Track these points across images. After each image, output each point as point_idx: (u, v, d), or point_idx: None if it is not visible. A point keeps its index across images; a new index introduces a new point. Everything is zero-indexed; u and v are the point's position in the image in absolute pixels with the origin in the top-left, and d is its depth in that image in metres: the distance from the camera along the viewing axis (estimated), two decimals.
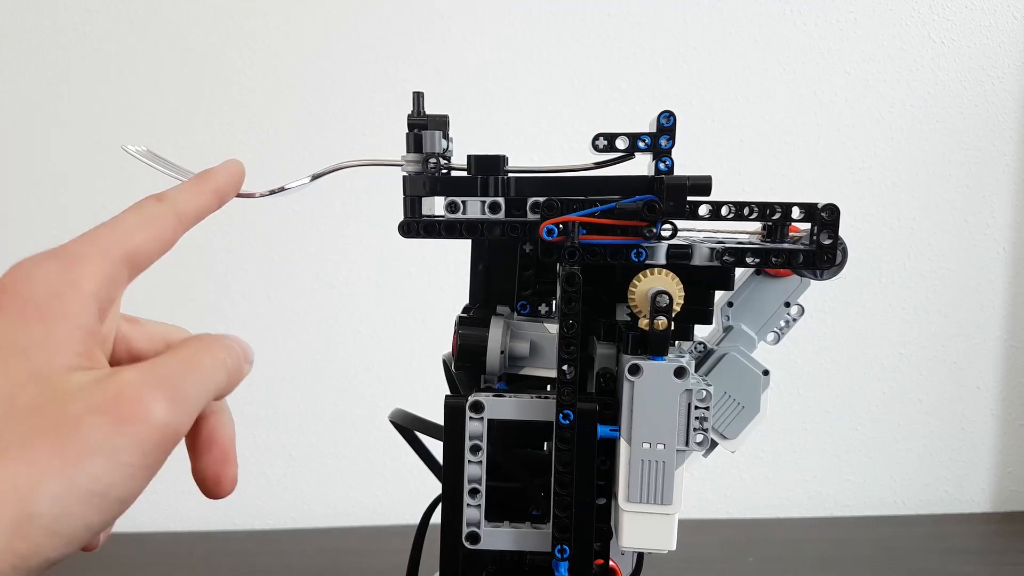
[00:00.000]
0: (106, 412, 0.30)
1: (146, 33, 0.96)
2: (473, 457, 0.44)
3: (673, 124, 0.42)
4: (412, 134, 0.42)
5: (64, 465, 0.29)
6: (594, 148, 0.42)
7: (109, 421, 0.30)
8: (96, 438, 0.29)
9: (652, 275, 0.41)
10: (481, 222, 0.43)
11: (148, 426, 0.30)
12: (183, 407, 0.32)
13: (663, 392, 0.41)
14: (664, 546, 0.43)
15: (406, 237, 0.43)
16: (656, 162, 0.42)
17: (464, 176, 0.43)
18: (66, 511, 0.29)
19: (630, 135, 0.42)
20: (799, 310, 0.49)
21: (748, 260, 0.42)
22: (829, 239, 0.41)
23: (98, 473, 0.29)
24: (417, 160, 0.43)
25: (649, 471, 0.42)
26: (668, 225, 0.41)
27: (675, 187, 0.41)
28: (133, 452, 0.30)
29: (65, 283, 0.32)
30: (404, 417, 0.52)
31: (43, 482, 0.28)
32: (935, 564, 0.91)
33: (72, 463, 0.29)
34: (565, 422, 0.42)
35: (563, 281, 0.40)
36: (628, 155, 0.43)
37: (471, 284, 0.50)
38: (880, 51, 1.00)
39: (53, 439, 0.29)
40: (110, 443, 0.29)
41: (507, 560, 0.49)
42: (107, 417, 0.30)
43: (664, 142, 0.42)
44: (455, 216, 0.43)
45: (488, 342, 0.45)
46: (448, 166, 0.44)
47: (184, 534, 1.00)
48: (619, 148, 0.42)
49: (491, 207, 0.43)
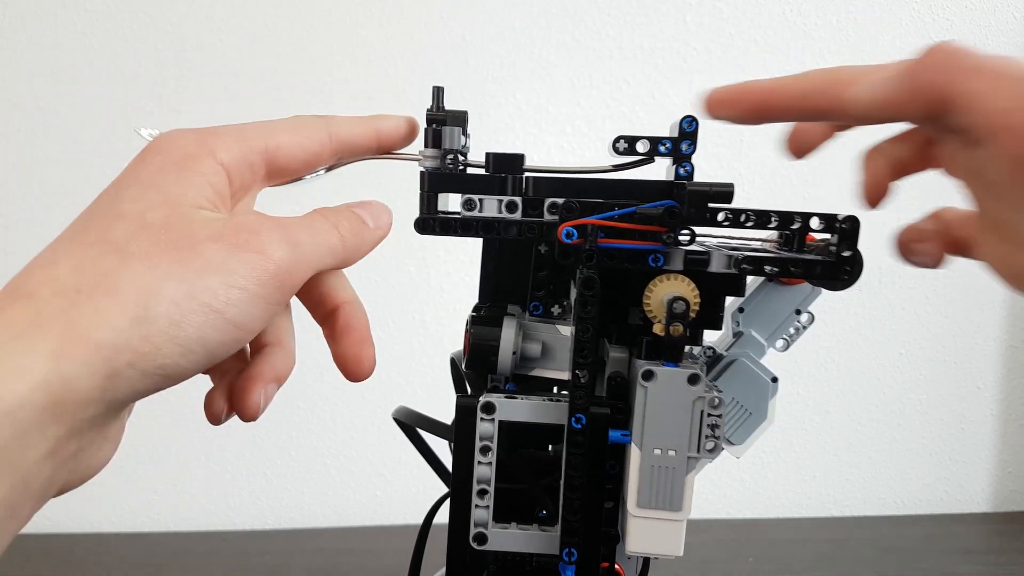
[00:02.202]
0: (225, 239, 0.32)
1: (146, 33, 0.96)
2: (483, 458, 0.44)
3: (695, 129, 0.42)
4: (431, 129, 0.42)
5: (184, 275, 0.31)
6: (614, 150, 0.42)
7: (227, 246, 0.32)
8: (215, 258, 0.31)
9: (668, 280, 0.40)
10: (498, 221, 0.42)
11: (263, 256, 0.33)
12: (296, 251, 0.34)
13: (676, 398, 0.41)
14: (672, 552, 0.43)
15: (422, 233, 0.43)
16: (676, 167, 0.42)
17: (482, 174, 0.43)
18: (184, 318, 0.30)
19: (651, 138, 0.42)
20: (809, 318, 0.49)
21: (767, 269, 0.41)
22: (849, 251, 0.41)
23: (215, 288, 0.31)
24: (436, 155, 0.42)
25: (659, 477, 0.42)
26: (686, 232, 0.41)
27: (698, 194, 0.40)
28: (248, 277, 0.32)
29: (201, 149, 0.35)
30: (408, 415, 0.52)
31: (164, 285, 0.30)
32: (935, 564, 0.91)
33: (192, 275, 0.31)
34: (577, 426, 0.42)
35: (580, 285, 0.40)
36: (648, 159, 0.43)
37: (481, 283, 0.49)
38: (880, 51, 1.00)
39: (175, 252, 0.31)
40: (227, 264, 0.32)
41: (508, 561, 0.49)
42: (226, 243, 0.32)
43: (685, 147, 0.42)
44: (471, 214, 0.43)
45: (500, 342, 0.45)
46: (465, 163, 0.44)
47: (184, 534, 1.00)
48: (639, 151, 0.42)
49: (508, 206, 0.42)
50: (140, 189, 0.33)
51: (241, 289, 0.32)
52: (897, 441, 1.07)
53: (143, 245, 0.31)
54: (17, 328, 0.28)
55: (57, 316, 0.28)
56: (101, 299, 0.29)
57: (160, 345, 0.30)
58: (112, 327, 0.29)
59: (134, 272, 0.30)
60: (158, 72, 0.96)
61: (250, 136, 0.37)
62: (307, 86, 0.97)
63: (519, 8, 0.98)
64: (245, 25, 0.96)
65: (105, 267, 0.30)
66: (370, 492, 1.06)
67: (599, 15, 0.98)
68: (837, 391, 1.06)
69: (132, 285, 0.30)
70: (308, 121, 0.39)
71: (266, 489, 1.05)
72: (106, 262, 0.30)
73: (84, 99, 0.96)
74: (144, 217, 0.32)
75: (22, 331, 0.28)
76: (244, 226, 0.33)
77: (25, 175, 0.97)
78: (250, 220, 0.34)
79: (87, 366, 0.28)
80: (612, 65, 0.99)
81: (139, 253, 0.30)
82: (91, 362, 0.28)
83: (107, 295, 0.29)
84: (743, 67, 0.99)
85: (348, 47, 0.97)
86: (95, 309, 0.29)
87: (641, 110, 1.00)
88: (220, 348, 0.32)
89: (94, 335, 0.28)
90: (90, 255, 0.31)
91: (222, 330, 0.31)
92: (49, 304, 0.29)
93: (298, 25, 0.96)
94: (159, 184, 0.33)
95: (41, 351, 0.27)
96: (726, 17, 0.99)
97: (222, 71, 0.97)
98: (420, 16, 0.97)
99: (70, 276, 0.30)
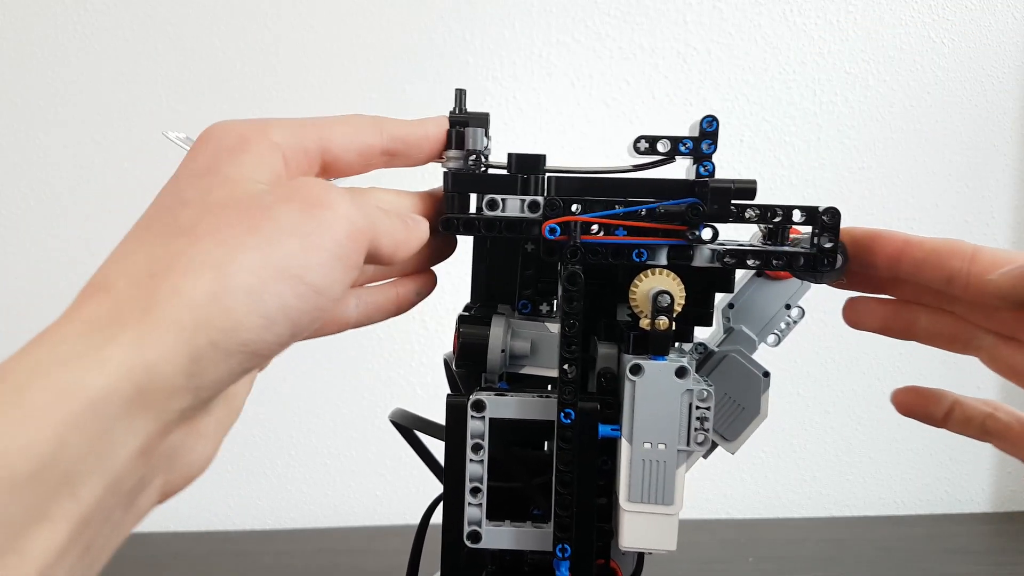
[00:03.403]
0: (295, 200, 0.31)
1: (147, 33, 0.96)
2: (474, 456, 0.44)
3: (716, 129, 0.42)
4: (454, 131, 0.43)
5: (259, 243, 0.30)
6: (635, 151, 0.43)
7: (298, 207, 0.31)
8: (288, 221, 0.30)
9: (653, 275, 0.41)
10: (521, 220, 0.43)
11: (334, 213, 0.32)
12: (363, 212, 0.33)
13: (664, 392, 0.41)
14: (665, 546, 0.43)
15: (446, 232, 0.43)
16: (697, 166, 0.43)
17: (504, 174, 0.44)
18: (263, 286, 0.29)
19: (672, 138, 0.42)
20: (799, 312, 0.49)
21: (749, 262, 0.42)
22: (830, 242, 0.41)
23: (293, 251, 0.30)
24: (459, 156, 0.43)
25: (650, 471, 0.42)
26: (709, 228, 0.41)
27: (720, 191, 0.41)
28: (324, 236, 0.31)
29: (254, 132, 0.34)
30: (404, 416, 0.52)
31: (238, 256, 0.29)
32: (934, 564, 0.91)
33: (266, 241, 0.30)
34: (567, 421, 0.42)
35: (565, 280, 0.40)
36: (669, 159, 0.43)
37: (472, 283, 0.50)
38: (880, 51, 1.00)
39: (247, 221, 0.30)
40: (301, 226, 0.31)
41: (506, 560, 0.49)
42: (296, 204, 0.31)
43: (706, 147, 0.42)
44: (494, 214, 0.43)
45: (489, 340, 0.45)
46: (487, 164, 0.44)
47: (184, 534, 1.00)
48: (660, 151, 0.43)
49: (531, 206, 0.43)
50: (197, 176, 0.33)
51: (319, 249, 0.31)
52: (897, 441, 1.07)
53: (212, 223, 0.30)
54: (97, 321, 0.27)
55: (134, 303, 0.27)
56: (177, 279, 0.28)
57: (241, 318, 0.29)
58: (190, 305, 0.28)
59: (206, 248, 0.29)
60: (158, 72, 0.97)
61: (304, 123, 0.37)
62: (307, 86, 0.98)
63: (519, 8, 0.98)
64: (245, 25, 0.96)
65: (176, 249, 0.29)
66: (370, 492, 1.06)
67: (599, 15, 0.99)
68: (837, 391, 1.06)
69: (205, 260, 0.29)
70: (360, 116, 0.39)
71: (266, 489, 1.06)
72: (177, 244, 0.29)
73: (84, 99, 0.97)
74: (206, 200, 0.31)
75: (102, 324, 0.27)
76: (311, 186, 0.32)
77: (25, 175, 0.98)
78: (315, 182, 0.33)
79: (170, 349, 0.27)
80: (612, 65, 0.99)
81: (209, 230, 0.30)
82: (173, 344, 0.27)
83: (181, 274, 0.28)
84: (743, 67, 0.99)
85: (348, 47, 0.97)
86: (171, 290, 0.28)
87: (641, 110, 1.00)
88: (303, 318, 0.31)
89: (173, 315, 0.27)
90: (160, 242, 0.30)
91: (303, 296, 0.30)
92: (125, 293, 0.28)
93: (298, 25, 0.97)
94: (216, 168, 0.33)
95: (122, 340, 0.26)
96: (726, 17, 0.99)
97: (222, 71, 0.97)
98: (420, 16, 0.97)
99: (143, 264, 0.29)
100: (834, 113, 1.00)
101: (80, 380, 0.25)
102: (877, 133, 1.01)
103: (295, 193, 0.32)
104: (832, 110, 1.00)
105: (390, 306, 0.44)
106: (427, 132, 0.41)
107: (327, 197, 0.32)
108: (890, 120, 1.01)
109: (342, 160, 0.38)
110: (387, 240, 0.35)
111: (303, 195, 0.32)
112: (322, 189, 0.32)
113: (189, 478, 0.33)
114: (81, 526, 0.26)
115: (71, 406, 0.25)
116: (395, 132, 0.40)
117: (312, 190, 0.32)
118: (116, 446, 0.26)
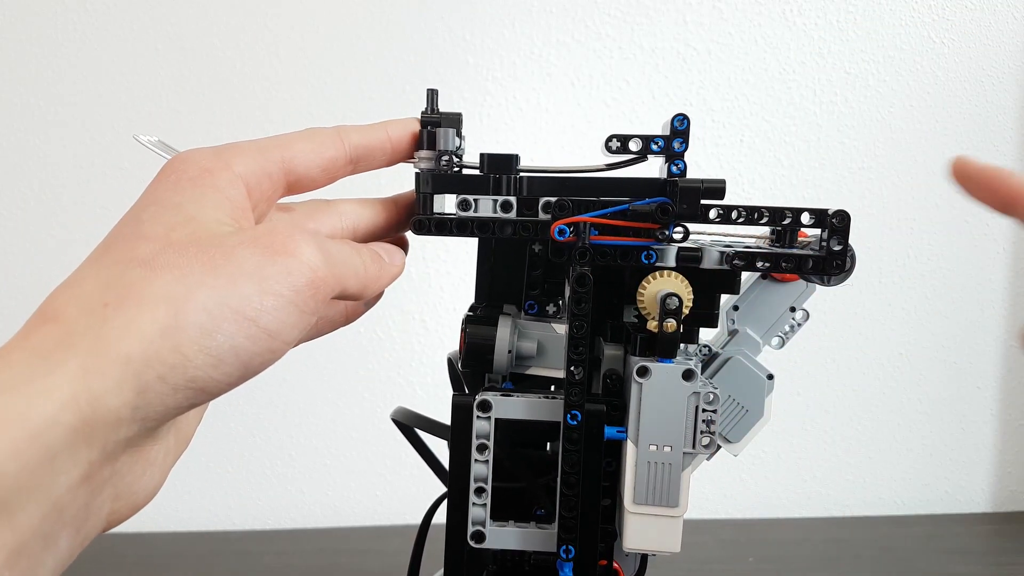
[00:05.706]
0: (258, 245, 0.31)
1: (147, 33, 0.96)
2: (479, 456, 0.44)
3: (687, 128, 0.42)
4: (426, 131, 0.42)
5: (216, 283, 0.29)
6: (607, 149, 0.42)
7: (261, 252, 0.31)
8: (249, 265, 0.30)
9: (662, 277, 0.41)
10: (493, 220, 0.43)
11: (298, 261, 0.32)
12: (329, 260, 0.33)
13: (671, 394, 0.41)
14: (669, 548, 0.43)
15: (418, 234, 0.43)
16: (668, 165, 0.42)
17: (476, 174, 0.43)
18: (216, 326, 0.29)
19: (643, 137, 0.42)
20: (804, 315, 0.49)
21: (758, 264, 0.42)
22: (839, 245, 0.41)
23: (249, 295, 0.30)
24: (431, 157, 0.43)
25: (656, 473, 0.42)
26: (680, 228, 0.41)
27: (689, 190, 0.40)
28: (283, 282, 0.31)
29: (217, 163, 0.34)
30: (406, 415, 0.52)
31: (195, 293, 0.29)
32: (935, 564, 0.91)
33: (224, 283, 0.30)
34: (573, 423, 0.42)
35: (574, 282, 0.40)
36: (641, 157, 0.43)
37: (477, 283, 0.50)
38: (880, 51, 1.00)
39: (206, 261, 0.30)
40: (262, 271, 0.31)
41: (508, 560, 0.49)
42: (259, 248, 0.31)
43: (677, 145, 0.42)
44: (467, 214, 0.43)
45: (496, 341, 0.45)
46: (460, 164, 0.44)
47: (184, 534, 1.00)
48: (632, 150, 0.42)
49: (503, 206, 0.43)
50: (159, 209, 0.32)
51: (276, 295, 0.31)
52: (897, 441, 1.07)
53: (171, 258, 0.30)
54: (44, 349, 0.27)
55: (84, 332, 0.27)
56: (129, 310, 0.28)
57: (191, 356, 0.28)
58: (140, 338, 0.27)
59: (163, 282, 0.29)
60: (158, 72, 0.97)
61: (266, 147, 0.36)
62: (307, 86, 0.98)
63: (519, 8, 0.98)
64: (245, 26, 0.96)
65: (132, 279, 0.29)
66: (370, 492, 1.06)
67: (599, 15, 0.98)
68: (837, 391, 1.06)
69: (161, 294, 0.28)
70: (320, 129, 0.39)
71: (266, 489, 1.05)
72: (133, 275, 0.29)
73: (84, 99, 0.97)
74: (168, 237, 0.31)
75: (49, 351, 0.27)
76: (277, 231, 0.32)
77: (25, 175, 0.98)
78: (281, 225, 0.33)
79: (116, 381, 0.27)
80: (612, 65, 0.99)
81: (168, 264, 0.29)
82: (120, 377, 0.27)
83: (135, 306, 0.28)
84: (743, 67, 0.99)
85: (348, 47, 0.97)
86: (123, 321, 0.28)
87: (641, 110, 1.00)
88: (254, 359, 0.31)
89: (122, 348, 0.27)
90: (116, 271, 0.30)
91: (255, 339, 0.30)
92: (76, 322, 0.28)
93: (298, 25, 0.97)
94: (178, 203, 0.32)
95: (68, 369, 0.26)
96: (726, 17, 0.99)
97: (222, 72, 0.97)
98: (420, 16, 0.97)
99: (96, 292, 0.29)
100: (834, 113, 1.00)
101: (24, 408, 0.25)
102: (877, 133, 1.01)
103: (260, 238, 0.32)
104: (832, 110, 1.00)
105: (339, 319, 0.43)
106: (389, 135, 0.41)
107: (291, 244, 0.32)
108: (890, 120, 1.01)
109: (307, 178, 0.38)
110: (353, 282, 0.35)
111: (267, 241, 0.31)
112: (287, 236, 0.32)
113: (136, 505, 0.33)
114: (15, 554, 0.26)
115: (12, 433, 0.25)
116: (357, 141, 0.40)
117: (277, 236, 0.32)
118: (57, 474, 0.26)
